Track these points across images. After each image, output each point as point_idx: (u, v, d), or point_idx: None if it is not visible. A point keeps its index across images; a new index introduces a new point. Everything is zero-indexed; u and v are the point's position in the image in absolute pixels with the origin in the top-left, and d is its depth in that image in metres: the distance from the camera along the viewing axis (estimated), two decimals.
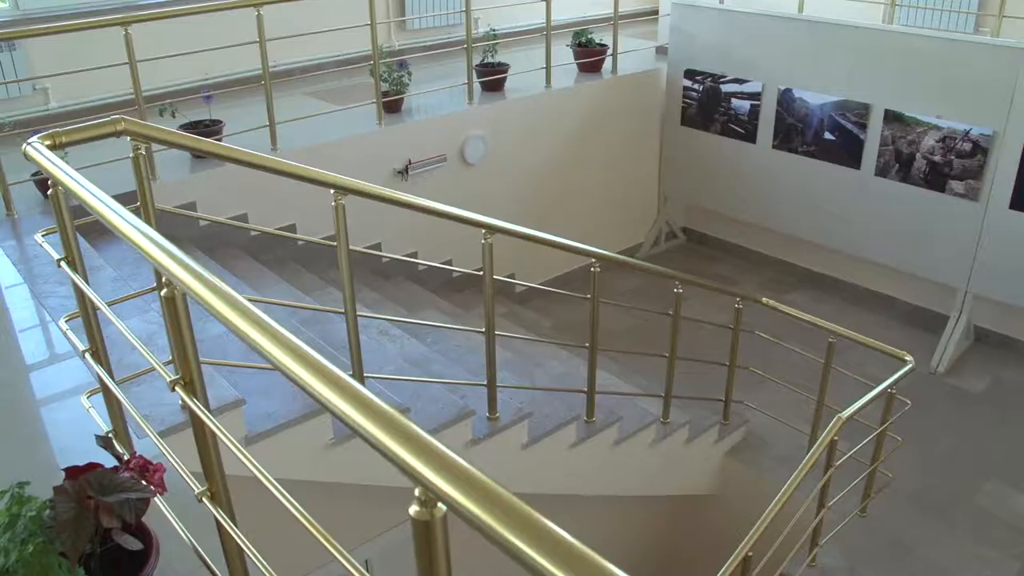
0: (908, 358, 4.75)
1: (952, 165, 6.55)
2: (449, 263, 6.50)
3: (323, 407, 1.20)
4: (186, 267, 1.53)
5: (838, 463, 4.20)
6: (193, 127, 5.68)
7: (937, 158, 6.61)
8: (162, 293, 1.70)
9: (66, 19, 6.31)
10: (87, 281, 2.34)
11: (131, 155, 2.66)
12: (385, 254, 5.42)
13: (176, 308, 1.69)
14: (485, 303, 3.83)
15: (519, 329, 6.29)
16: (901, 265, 7.17)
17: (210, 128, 5.69)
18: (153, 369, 2.05)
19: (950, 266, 6.80)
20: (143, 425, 2.10)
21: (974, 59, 6.34)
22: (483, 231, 3.65)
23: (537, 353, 5.75)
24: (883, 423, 4.68)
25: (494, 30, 7.35)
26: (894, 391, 4.59)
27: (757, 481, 5.45)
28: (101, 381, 2.39)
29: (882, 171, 6.93)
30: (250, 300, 1.43)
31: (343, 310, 3.42)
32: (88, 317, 2.43)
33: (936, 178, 6.66)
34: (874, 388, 4.44)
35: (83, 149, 2.87)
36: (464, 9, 6.77)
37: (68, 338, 2.66)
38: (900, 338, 6.87)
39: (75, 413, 2.82)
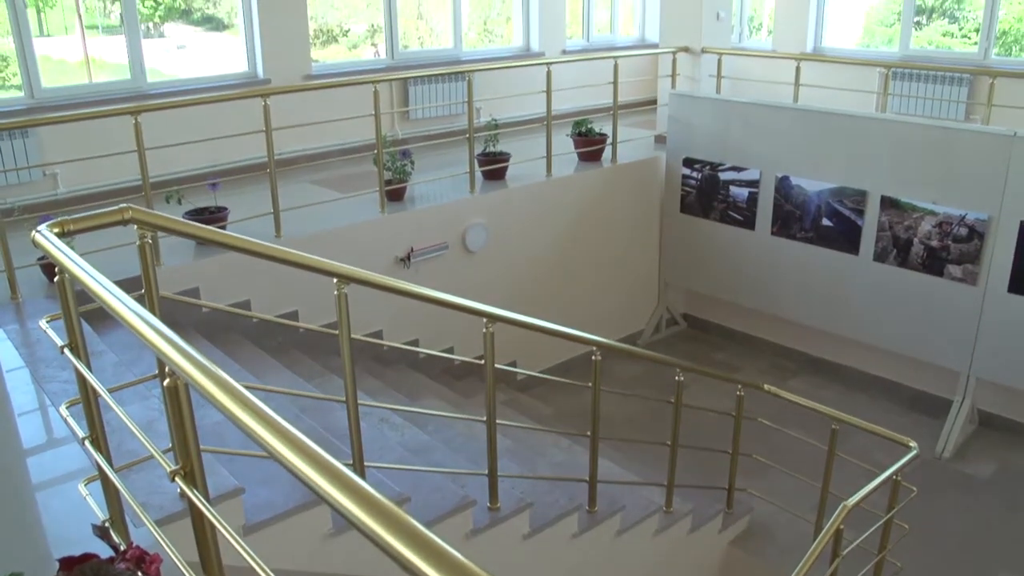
0: (912, 444, 4.71)
1: (949, 250, 6.60)
2: (450, 350, 6.51)
3: (320, 499, 1.20)
4: (189, 358, 1.54)
5: (845, 552, 4.13)
6: (199, 213, 5.75)
7: (934, 243, 6.67)
8: (164, 383, 1.70)
9: (79, 106, 6.48)
10: (90, 368, 2.35)
11: (137, 242, 2.69)
12: (386, 342, 5.42)
13: (178, 398, 1.69)
14: (486, 392, 3.82)
15: (520, 417, 6.26)
16: (902, 349, 7.16)
17: (215, 215, 5.75)
18: (152, 457, 2.04)
19: (951, 350, 6.79)
20: (140, 514, 2.08)
21: (967, 146, 6.46)
22: (484, 320, 3.66)
23: (538, 441, 5.70)
24: (889, 510, 4.61)
25: (495, 120, 7.49)
26: (899, 478, 4.54)
27: (763, 572, 5.35)
28: (99, 468, 2.38)
29: (880, 256, 6.98)
30: (251, 388, 1.44)
31: (344, 398, 3.41)
32: (89, 404, 2.43)
33: (934, 263, 6.71)
34: (879, 475, 4.39)
35: (90, 233, 2.90)
36: (466, 99, 6.92)
37: (68, 425, 2.65)
38: (904, 423, 6.83)
39: (71, 500, 2.79)
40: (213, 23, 8.04)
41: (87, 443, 2.43)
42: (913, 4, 9.45)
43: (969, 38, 9.42)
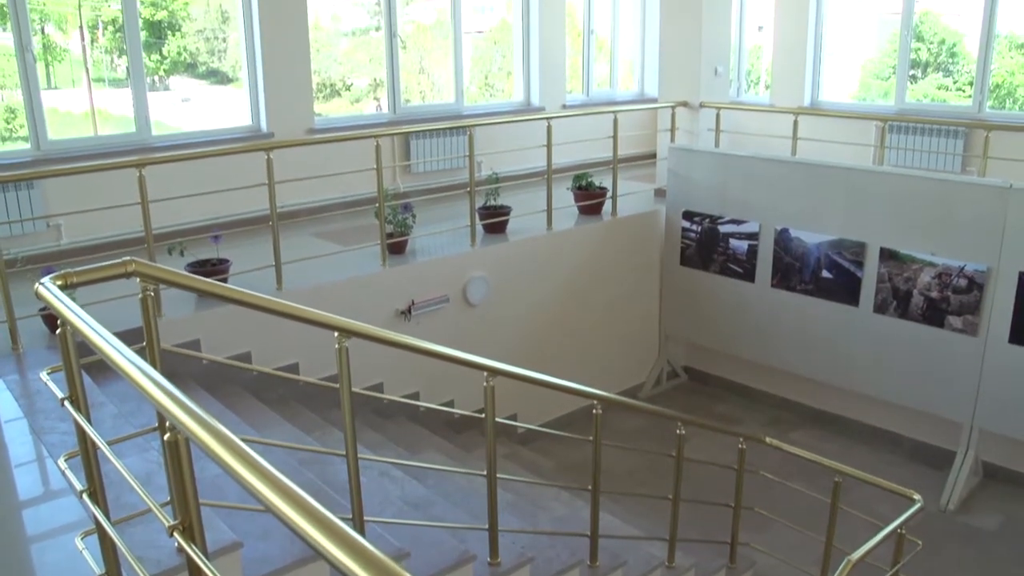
0: (916, 497, 4.67)
1: (949, 301, 6.62)
2: (451, 403, 6.49)
3: (319, 555, 1.20)
4: (190, 413, 1.54)
5: None
6: (201, 266, 5.78)
7: (934, 294, 6.68)
8: (165, 438, 1.70)
9: (84, 158, 6.55)
10: (89, 420, 2.35)
11: (139, 295, 2.70)
12: (387, 396, 5.40)
13: (179, 453, 1.69)
14: (487, 445, 3.80)
15: (521, 471, 6.22)
16: (904, 401, 7.14)
17: (217, 267, 5.78)
18: (151, 510, 2.03)
19: (953, 401, 6.77)
20: (137, 568, 2.06)
21: (964, 198, 6.51)
22: (485, 373, 3.66)
23: (539, 495, 5.66)
24: (894, 564, 4.57)
25: (496, 174, 7.56)
26: (904, 531, 4.50)
27: None
28: (97, 522, 2.36)
29: (880, 308, 6.99)
30: (250, 441, 1.44)
31: (344, 452, 3.39)
32: (88, 457, 2.42)
33: (934, 314, 6.71)
34: (883, 528, 4.36)
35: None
36: (467, 153, 6.99)
37: (67, 478, 2.64)
38: (907, 475, 6.78)
39: (67, 554, 2.77)
40: (218, 77, 8.16)
41: (85, 496, 2.41)
42: (908, 58, 9.59)
43: (964, 91, 9.54)
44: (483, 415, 3.74)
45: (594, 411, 4.24)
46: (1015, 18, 9.01)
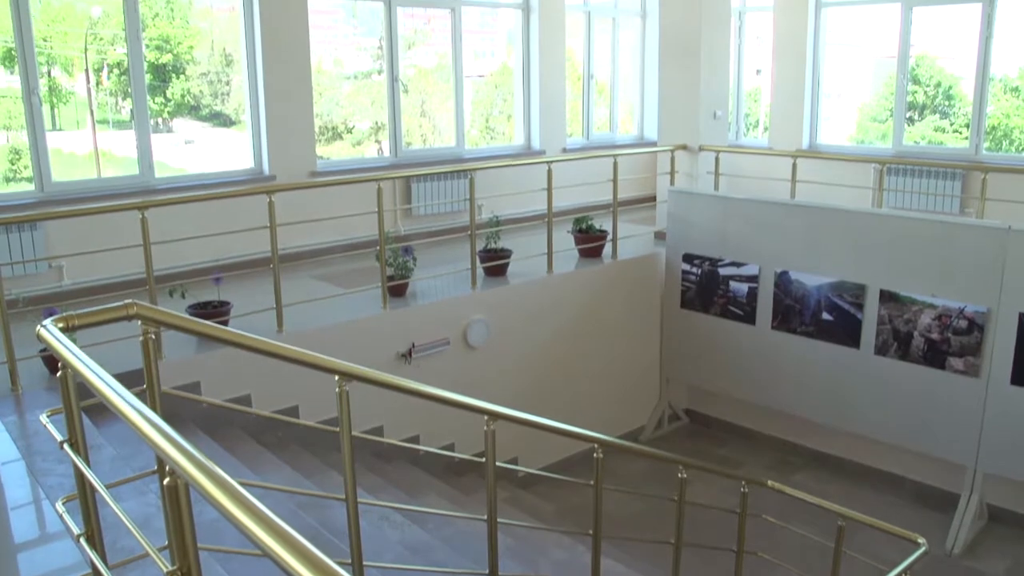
0: (921, 540, 4.63)
1: (950, 342, 6.61)
2: (451, 446, 6.46)
3: None
4: (191, 458, 1.54)
5: None
6: (202, 308, 5.78)
7: (935, 336, 6.67)
8: (164, 482, 1.69)
9: (87, 200, 6.59)
10: (88, 463, 2.34)
11: (140, 337, 2.70)
12: (387, 440, 5.37)
13: (178, 498, 1.68)
14: (487, 490, 3.78)
15: (521, 515, 6.16)
16: (907, 443, 7.09)
17: (218, 309, 5.78)
18: (148, 555, 2.01)
19: (956, 444, 6.73)
20: None
21: (963, 240, 6.52)
22: (485, 417, 3.64)
23: (540, 540, 5.61)
24: None
25: (497, 217, 7.59)
26: (909, 575, 4.46)
27: None
28: (93, 566, 2.34)
29: (881, 350, 6.98)
30: (249, 485, 1.43)
31: (343, 496, 3.37)
32: (86, 500, 2.41)
33: (935, 355, 6.70)
34: (888, 573, 4.31)
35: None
36: (468, 197, 7.03)
37: (64, 521, 2.62)
38: (911, 519, 6.72)
39: None
40: (221, 119, 8.23)
41: (82, 540, 2.40)
42: (905, 101, 9.68)
43: (960, 133, 9.62)
44: (484, 459, 3.72)
45: (595, 455, 4.22)
46: (1009, 61, 9.12)
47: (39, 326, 2.33)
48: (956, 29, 9.38)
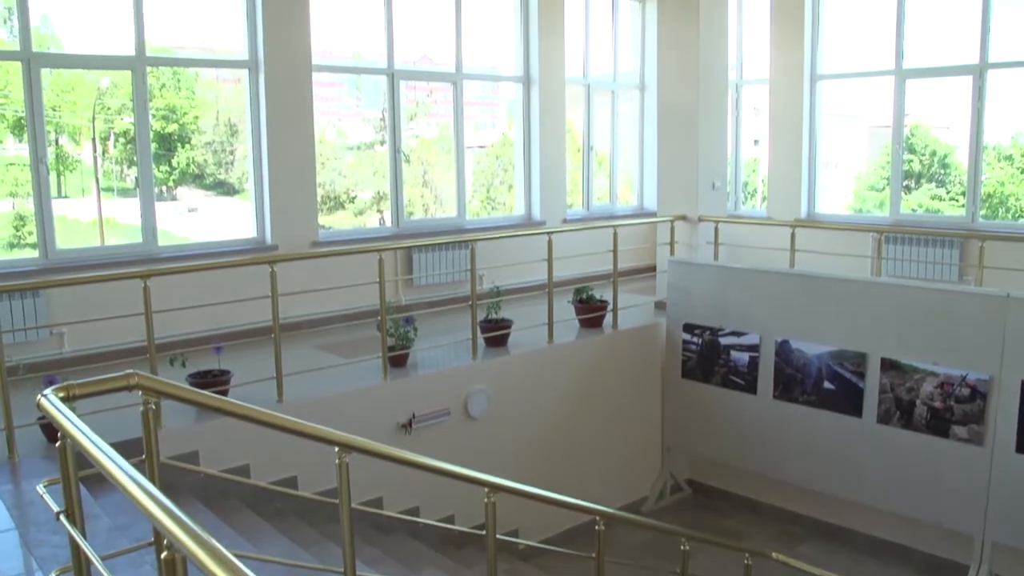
0: None
1: (953, 411, 6.57)
2: (451, 518, 6.39)
3: None
4: (190, 532, 1.53)
5: None
6: (202, 377, 5.77)
7: (937, 404, 6.64)
8: (162, 556, 1.68)
9: (91, 268, 6.63)
10: (84, 535, 2.32)
11: (141, 407, 2.70)
12: (387, 512, 5.31)
13: (175, 572, 1.67)
14: (488, 563, 3.73)
15: None
16: (912, 513, 7.01)
17: (218, 378, 5.77)
18: None
19: (963, 513, 6.64)
20: None
21: (963, 308, 6.55)
22: (486, 489, 3.62)
23: None
24: None
25: (498, 287, 7.61)
26: None
27: None
28: None
29: (884, 419, 6.94)
30: (246, 557, 1.42)
31: (342, 569, 3.33)
32: (81, 572, 2.38)
33: (939, 424, 6.66)
34: None
35: None
36: (469, 267, 7.06)
37: None
38: None
39: None
40: (224, 188, 8.31)
41: None
42: (901, 170, 9.79)
43: (957, 200, 9.70)
44: (484, 531, 3.68)
45: (597, 527, 4.17)
46: (1001, 130, 9.26)
47: (40, 396, 2.33)
48: (949, 99, 9.53)
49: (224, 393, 5.63)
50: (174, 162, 7.94)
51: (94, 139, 7.49)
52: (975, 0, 8.87)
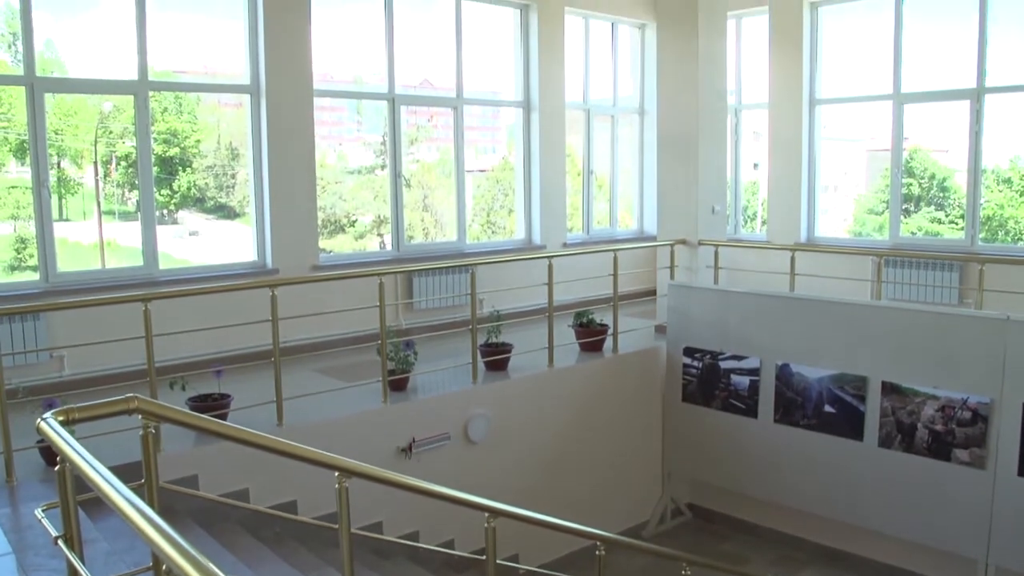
0: None
1: (954, 434, 6.55)
2: (451, 543, 6.36)
3: None
4: (190, 559, 1.52)
5: None
6: (202, 400, 5.77)
7: (939, 427, 6.62)
8: None
9: (91, 291, 6.63)
10: (83, 560, 2.31)
11: (140, 431, 2.69)
12: (386, 537, 5.29)
13: None
14: None
15: None
16: (914, 537, 6.97)
17: (218, 402, 5.76)
18: None
19: (965, 537, 6.61)
20: None
21: (963, 331, 6.54)
22: (486, 514, 3.61)
23: None
24: None
25: (498, 311, 7.61)
26: None
27: None
28: None
29: (885, 442, 6.92)
30: None
31: None
32: None
33: (940, 447, 6.64)
34: None
35: None
36: (469, 291, 7.07)
37: None
38: None
39: None
40: (225, 211, 8.33)
41: None
42: (900, 193, 9.82)
43: (956, 224, 9.73)
44: (484, 556, 3.67)
45: (597, 552, 4.16)
46: (1000, 153, 9.30)
47: (39, 420, 2.33)
48: (947, 123, 9.58)
49: (224, 417, 5.63)
50: (175, 186, 7.96)
51: (96, 162, 7.52)
52: (972, 25, 8.95)
